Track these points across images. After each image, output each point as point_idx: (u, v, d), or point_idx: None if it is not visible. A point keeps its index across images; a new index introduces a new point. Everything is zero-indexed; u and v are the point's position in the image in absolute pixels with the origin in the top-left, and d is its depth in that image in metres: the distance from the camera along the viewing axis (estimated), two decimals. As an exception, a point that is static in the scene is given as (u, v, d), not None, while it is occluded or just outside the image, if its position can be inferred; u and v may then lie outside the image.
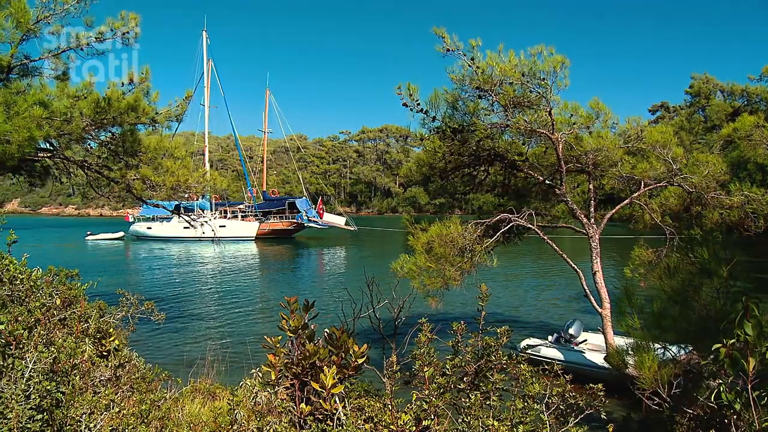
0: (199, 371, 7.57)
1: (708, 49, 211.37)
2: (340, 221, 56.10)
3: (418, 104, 10.21)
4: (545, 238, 10.97)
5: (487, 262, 10.82)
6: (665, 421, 5.00)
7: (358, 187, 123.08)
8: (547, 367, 4.13)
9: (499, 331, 4.24)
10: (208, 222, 16.59)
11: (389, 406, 3.48)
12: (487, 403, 3.80)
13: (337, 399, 3.48)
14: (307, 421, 3.50)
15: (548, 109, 10.03)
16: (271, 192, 65.36)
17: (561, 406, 3.76)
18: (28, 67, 11.00)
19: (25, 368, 3.47)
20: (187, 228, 47.09)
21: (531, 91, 9.80)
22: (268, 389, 3.87)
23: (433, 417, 3.51)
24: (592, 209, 10.96)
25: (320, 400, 3.48)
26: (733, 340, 3.35)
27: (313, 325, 3.89)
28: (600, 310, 10.47)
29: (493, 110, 10.23)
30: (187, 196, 14.24)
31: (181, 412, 4.85)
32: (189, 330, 16.52)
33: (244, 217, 56.89)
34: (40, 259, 8.16)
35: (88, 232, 53.78)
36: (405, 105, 10.10)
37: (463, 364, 4.17)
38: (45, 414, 3.45)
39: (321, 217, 54.37)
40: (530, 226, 11.10)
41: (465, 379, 4.15)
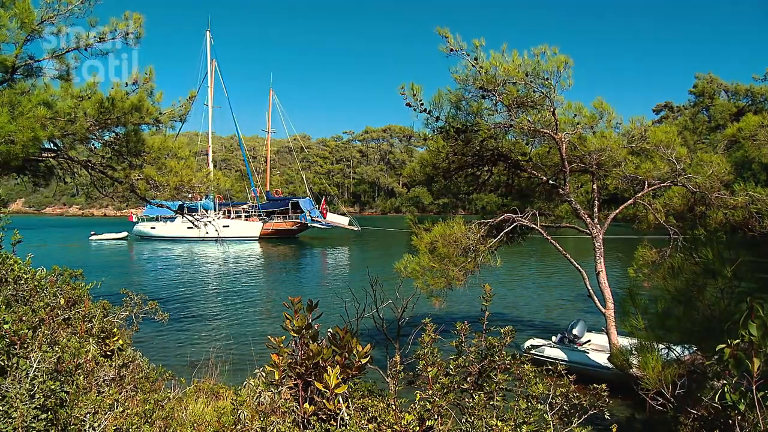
0: (203, 371, 7.57)
1: (712, 49, 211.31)
2: (343, 221, 56.15)
3: (422, 104, 10.22)
4: (549, 238, 10.94)
5: (490, 262, 10.82)
6: (669, 421, 4.99)
7: (362, 187, 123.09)
8: (550, 368, 4.12)
9: (502, 331, 4.23)
10: (211, 222, 16.61)
11: (393, 406, 3.48)
12: (491, 403, 3.80)
13: (340, 399, 3.48)
14: (311, 421, 3.50)
15: (552, 109, 10.02)
16: (275, 192, 65.42)
17: (565, 407, 3.76)
18: (33, 68, 11.02)
19: (30, 368, 3.48)
20: (191, 228, 47.34)
21: (534, 91, 9.79)
22: (272, 389, 3.87)
23: (436, 417, 3.51)
24: (596, 209, 10.95)
25: (324, 400, 3.47)
26: (738, 341, 3.33)
27: (317, 325, 3.88)
28: (603, 310, 10.45)
29: (497, 110, 10.23)
30: (190, 196, 14.25)
31: (185, 411, 4.86)
32: (192, 330, 16.55)
33: (247, 217, 56.96)
34: (45, 259, 8.18)
35: (92, 232, 53.90)
36: (408, 105, 10.11)
37: (467, 365, 4.17)
38: (49, 413, 3.46)
39: (324, 217, 54.38)
40: (534, 226, 11.09)
41: (468, 379, 4.15)
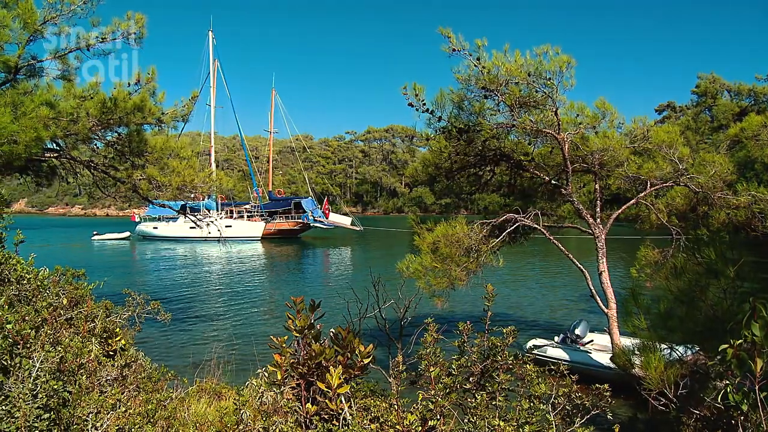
0: (205, 371, 7.58)
1: (713, 49, 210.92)
2: (345, 221, 56.15)
3: (424, 104, 10.21)
4: (551, 238, 10.94)
5: (492, 262, 10.82)
6: (671, 421, 4.97)
7: (364, 187, 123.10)
8: (553, 368, 4.12)
9: (505, 331, 4.23)
10: (214, 222, 16.60)
11: (395, 406, 3.48)
12: (493, 403, 3.79)
13: (342, 399, 3.48)
14: (313, 420, 3.50)
15: (554, 109, 10.01)
16: (277, 192, 65.52)
17: (567, 407, 3.75)
18: (35, 68, 11.04)
19: (33, 367, 3.49)
20: (193, 228, 47.30)
21: (537, 91, 9.77)
22: (274, 389, 3.87)
23: (439, 417, 3.51)
24: (598, 209, 10.93)
25: (326, 400, 3.47)
26: (741, 341, 3.32)
27: (319, 325, 3.88)
28: (606, 310, 10.44)
29: (499, 110, 10.22)
30: (193, 196, 14.26)
31: (187, 411, 4.87)
32: (195, 330, 16.58)
33: (250, 217, 57.01)
34: (47, 259, 8.19)
35: (95, 232, 54.01)
36: (411, 105, 10.11)
37: (469, 365, 4.16)
38: (52, 413, 3.46)
39: (327, 217, 54.39)
40: (536, 226, 11.08)
41: (471, 379, 4.15)
